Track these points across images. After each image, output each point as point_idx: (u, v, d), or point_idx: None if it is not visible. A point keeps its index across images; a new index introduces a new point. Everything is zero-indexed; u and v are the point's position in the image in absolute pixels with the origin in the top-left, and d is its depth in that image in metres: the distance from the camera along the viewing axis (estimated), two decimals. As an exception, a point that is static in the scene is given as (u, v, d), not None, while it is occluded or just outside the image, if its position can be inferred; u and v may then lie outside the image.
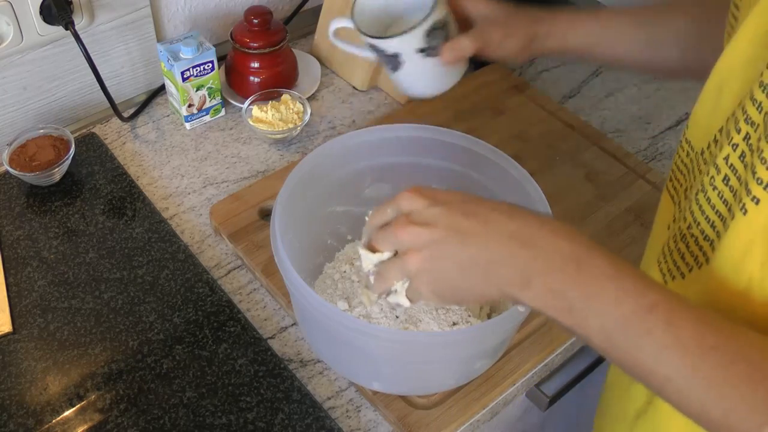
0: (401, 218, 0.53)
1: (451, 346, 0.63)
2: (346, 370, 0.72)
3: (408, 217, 0.53)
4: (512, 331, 0.68)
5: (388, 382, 0.70)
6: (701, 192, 0.54)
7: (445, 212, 0.52)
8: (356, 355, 0.68)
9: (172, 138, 0.99)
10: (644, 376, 0.47)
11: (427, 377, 0.70)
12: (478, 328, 0.67)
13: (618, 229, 0.88)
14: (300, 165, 0.72)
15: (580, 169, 0.96)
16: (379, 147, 0.76)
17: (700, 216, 0.54)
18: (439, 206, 0.52)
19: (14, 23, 0.86)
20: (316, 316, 0.62)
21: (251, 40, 0.99)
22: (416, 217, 0.53)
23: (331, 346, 0.70)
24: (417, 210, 0.53)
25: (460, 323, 0.72)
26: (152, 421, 0.69)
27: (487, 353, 0.69)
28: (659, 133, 1.05)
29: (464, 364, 0.69)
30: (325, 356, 0.73)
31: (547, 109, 1.04)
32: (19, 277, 0.80)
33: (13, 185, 0.90)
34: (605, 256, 0.48)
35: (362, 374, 0.71)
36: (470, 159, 0.74)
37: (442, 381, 0.71)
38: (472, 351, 0.66)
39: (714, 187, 0.52)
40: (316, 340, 0.73)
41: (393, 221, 0.54)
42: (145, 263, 0.82)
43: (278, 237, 0.65)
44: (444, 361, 0.68)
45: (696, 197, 0.54)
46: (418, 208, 0.53)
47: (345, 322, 0.62)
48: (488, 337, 0.64)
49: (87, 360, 0.74)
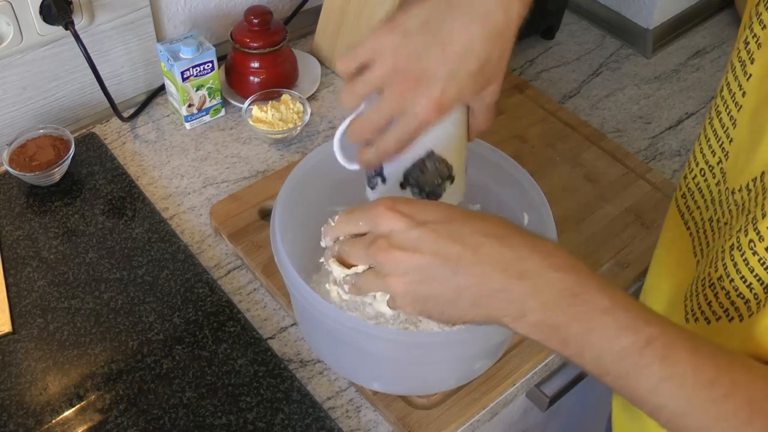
0: (380, 241, 0.50)
1: (451, 346, 0.63)
2: (346, 370, 0.72)
3: (388, 240, 0.49)
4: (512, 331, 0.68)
5: (388, 382, 0.70)
6: (737, 249, 0.52)
7: (429, 235, 0.49)
8: (356, 355, 0.68)
9: (172, 138, 0.99)
10: (638, 403, 0.47)
11: (427, 377, 0.70)
12: (478, 328, 0.67)
13: (618, 229, 0.88)
14: (300, 165, 0.72)
15: (580, 169, 0.96)
16: None
17: (735, 273, 0.52)
18: (421, 228, 0.49)
19: (14, 23, 0.86)
20: (315, 316, 0.62)
21: (251, 40, 0.99)
22: (397, 241, 0.49)
23: (331, 347, 0.70)
24: (396, 231, 0.49)
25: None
26: (152, 421, 0.69)
27: (488, 353, 0.69)
28: (659, 133, 1.05)
29: (464, 364, 0.69)
30: (325, 356, 0.73)
31: (547, 109, 1.04)
32: (19, 277, 0.80)
33: (13, 185, 0.90)
34: (600, 287, 0.47)
35: (362, 374, 0.71)
36: (470, 159, 0.74)
37: (443, 381, 0.71)
38: (472, 351, 0.66)
39: (755, 252, 0.50)
40: (316, 341, 0.73)
41: (369, 240, 0.51)
42: (145, 263, 0.82)
43: (278, 237, 0.65)
44: (444, 361, 0.68)
45: (731, 253, 0.53)
46: (397, 229, 0.49)
47: (345, 322, 0.62)
48: (488, 337, 0.64)
49: (87, 360, 0.74)
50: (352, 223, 0.53)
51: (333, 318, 0.61)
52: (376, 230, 0.51)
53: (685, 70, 1.16)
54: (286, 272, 0.64)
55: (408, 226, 0.49)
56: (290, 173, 0.71)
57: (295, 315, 0.76)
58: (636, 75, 1.15)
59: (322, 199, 0.76)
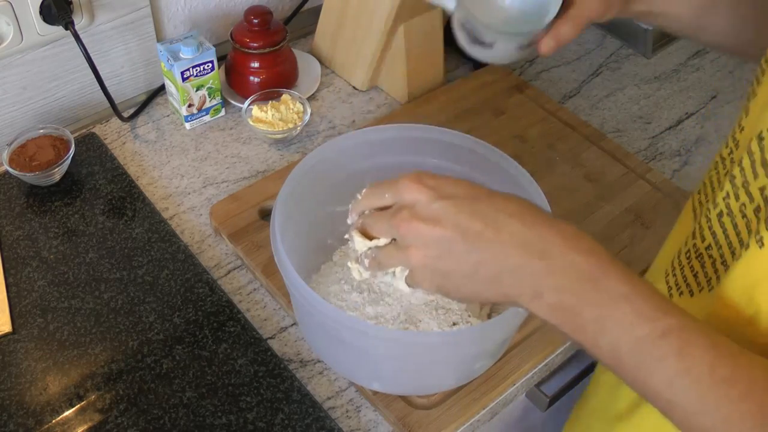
0: (404, 212, 0.50)
1: (451, 346, 0.63)
2: (346, 370, 0.72)
3: (411, 210, 0.50)
4: (513, 331, 0.68)
5: (388, 382, 0.70)
6: (726, 216, 0.52)
7: (451, 209, 0.49)
8: (356, 355, 0.68)
9: (172, 138, 0.99)
10: (650, 397, 0.46)
11: (427, 377, 0.70)
12: (478, 328, 0.68)
13: (618, 229, 0.88)
14: (300, 165, 0.72)
15: (580, 169, 0.96)
16: (379, 147, 0.75)
17: (723, 240, 0.52)
18: (445, 201, 0.49)
19: (14, 23, 0.86)
20: (315, 316, 0.62)
21: (251, 40, 0.99)
22: (420, 212, 0.50)
23: (331, 346, 0.70)
24: (421, 203, 0.50)
25: (460, 323, 0.72)
26: (152, 421, 0.69)
27: (488, 353, 0.69)
28: (659, 133, 1.05)
29: (464, 364, 0.69)
30: (325, 356, 0.73)
31: (546, 109, 1.04)
32: (19, 277, 0.80)
33: (13, 185, 0.90)
34: (621, 273, 0.46)
35: (362, 374, 0.71)
36: (470, 159, 0.74)
37: (442, 381, 0.71)
38: (472, 351, 0.66)
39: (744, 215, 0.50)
40: (315, 340, 0.73)
41: (393, 211, 0.52)
42: (145, 263, 0.82)
43: (278, 237, 0.65)
44: (444, 361, 0.68)
45: (721, 220, 0.53)
46: (421, 201, 0.50)
47: (344, 322, 0.62)
48: (489, 338, 0.64)
49: (87, 360, 0.74)
50: (377, 195, 0.54)
51: (333, 318, 0.61)
52: (400, 202, 0.51)
53: (685, 70, 1.16)
54: (286, 272, 0.64)
55: (431, 198, 0.49)
56: (290, 173, 0.71)
57: (295, 315, 0.76)
58: (636, 75, 1.15)
59: (322, 199, 0.76)
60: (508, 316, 0.60)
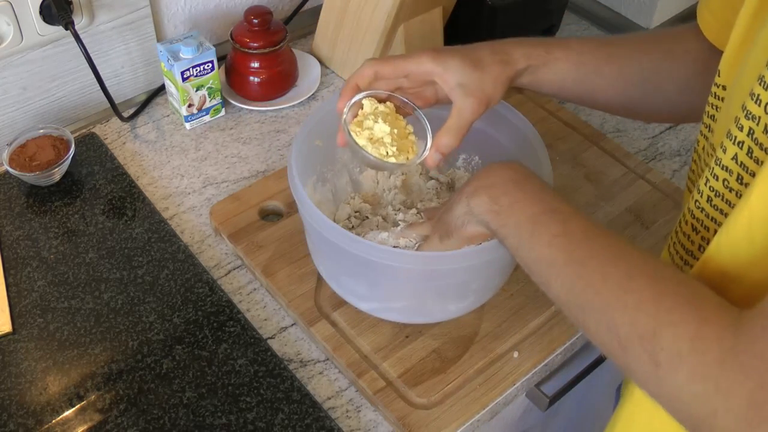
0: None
1: (458, 258, 0.66)
2: (347, 290, 0.75)
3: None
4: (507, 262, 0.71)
5: (402, 312, 0.74)
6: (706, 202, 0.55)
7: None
8: (361, 273, 0.71)
9: (172, 138, 0.99)
10: (534, 265, 0.56)
11: (430, 301, 0.74)
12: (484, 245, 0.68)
13: (618, 229, 0.88)
14: (317, 109, 0.76)
15: (580, 169, 0.96)
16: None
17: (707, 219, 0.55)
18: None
19: (14, 23, 0.86)
20: (316, 227, 0.66)
21: (251, 40, 0.99)
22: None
23: (334, 265, 0.74)
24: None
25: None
26: (152, 421, 0.69)
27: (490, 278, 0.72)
28: (659, 133, 1.05)
29: (461, 290, 0.72)
30: (326, 274, 0.76)
31: (546, 109, 1.04)
32: (19, 277, 0.80)
33: (13, 185, 0.90)
34: (539, 181, 0.59)
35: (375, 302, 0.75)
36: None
37: (443, 307, 0.74)
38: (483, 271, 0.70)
39: (716, 176, 0.53)
40: (322, 262, 0.76)
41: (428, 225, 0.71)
42: (145, 263, 0.82)
43: (294, 154, 0.70)
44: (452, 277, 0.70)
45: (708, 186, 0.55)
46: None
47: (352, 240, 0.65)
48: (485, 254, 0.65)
49: (87, 360, 0.74)
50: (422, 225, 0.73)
51: (338, 233, 0.65)
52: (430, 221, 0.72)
53: (685, 70, 1.16)
54: (298, 195, 0.68)
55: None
56: (308, 116, 0.76)
57: (307, 241, 0.78)
58: (636, 75, 1.14)
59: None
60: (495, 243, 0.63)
